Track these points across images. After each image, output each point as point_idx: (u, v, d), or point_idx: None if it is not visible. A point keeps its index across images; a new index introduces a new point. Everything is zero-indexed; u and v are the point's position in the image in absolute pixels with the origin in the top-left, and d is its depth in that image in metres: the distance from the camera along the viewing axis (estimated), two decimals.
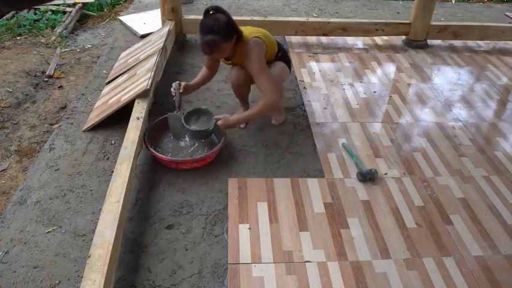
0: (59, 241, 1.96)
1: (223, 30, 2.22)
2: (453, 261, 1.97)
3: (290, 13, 4.61)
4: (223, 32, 2.22)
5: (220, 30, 2.21)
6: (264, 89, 2.35)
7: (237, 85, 2.59)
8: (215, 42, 2.21)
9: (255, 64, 2.33)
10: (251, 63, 2.34)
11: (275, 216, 2.13)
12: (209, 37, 2.20)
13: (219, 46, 2.24)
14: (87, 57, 3.77)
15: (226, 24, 2.24)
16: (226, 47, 2.28)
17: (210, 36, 2.20)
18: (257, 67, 2.34)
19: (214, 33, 2.20)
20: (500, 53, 4.02)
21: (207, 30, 2.21)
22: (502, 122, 3.01)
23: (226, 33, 2.23)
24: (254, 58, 2.33)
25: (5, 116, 2.93)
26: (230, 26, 2.27)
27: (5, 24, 4.11)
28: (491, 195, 2.36)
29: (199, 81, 2.64)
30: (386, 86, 3.35)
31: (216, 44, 2.22)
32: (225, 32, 2.23)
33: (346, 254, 1.96)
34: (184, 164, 2.39)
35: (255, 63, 2.33)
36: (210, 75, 2.68)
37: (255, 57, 2.33)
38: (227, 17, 2.27)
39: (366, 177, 2.37)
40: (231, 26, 2.27)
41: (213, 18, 2.23)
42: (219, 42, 2.22)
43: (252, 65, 2.34)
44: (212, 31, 2.20)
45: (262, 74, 2.34)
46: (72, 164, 2.40)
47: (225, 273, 1.85)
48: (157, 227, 2.06)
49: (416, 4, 3.83)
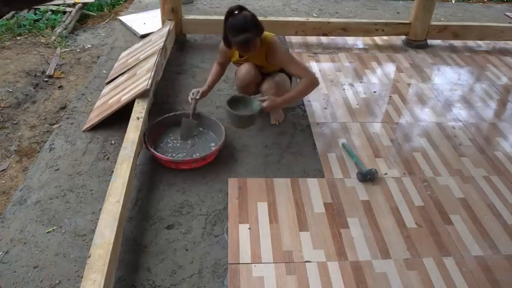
0: (59, 241, 1.96)
1: (254, 26, 2.29)
2: (453, 261, 1.97)
3: (290, 13, 4.61)
4: (254, 28, 2.29)
5: (252, 26, 2.27)
6: (301, 73, 2.48)
7: (247, 81, 2.58)
8: (251, 39, 2.28)
9: (285, 56, 2.49)
10: (281, 56, 2.46)
11: (275, 216, 2.13)
12: (245, 36, 2.26)
13: (255, 42, 2.31)
14: (87, 57, 3.77)
15: (255, 19, 2.32)
16: (258, 42, 2.35)
17: (245, 34, 2.26)
18: (287, 57, 2.50)
19: (248, 31, 2.26)
20: (500, 53, 4.02)
21: (240, 29, 2.26)
22: (502, 122, 3.01)
23: (256, 28, 2.31)
24: (282, 51, 2.47)
25: (5, 116, 2.93)
26: (257, 20, 2.35)
27: (5, 24, 4.11)
28: (491, 195, 2.36)
29: (214, 79, 2.65)
30: (386, 86, 3.35)
31: (252, 41, 2.29)
32: (255, 27, 2.30)
33: (346, 254, 1.96)
34: (184, 164, 2.39)
35: (284, 55, 2.49)
36: (222, 72, 2.70)
37: (282, 50, 2.48)
38: (252, 14, 2.34)
39: (366, 177, 2.37)
40: (258, 20, 2.35)
41: (241, 16, 2.28)
42: (254, 39, 2.29)
43: (283, 57, 2.47)
44: (245, 29, 2.26)
45: (295, 62, 2.51)
46: (72, 164, 2.40)
47: (225, 273, 1.86)
48: (157, 227, 2.06)
49: (416, 4, 3.83)
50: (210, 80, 2.63)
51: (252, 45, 2.31)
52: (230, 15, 2.30)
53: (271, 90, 2.56)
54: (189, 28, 3.72)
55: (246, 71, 2.56)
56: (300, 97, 2.57)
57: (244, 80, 2.58)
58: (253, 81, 2.60)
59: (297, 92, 2.49)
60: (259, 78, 2.61)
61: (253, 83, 2.62)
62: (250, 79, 2.57)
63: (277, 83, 2.58)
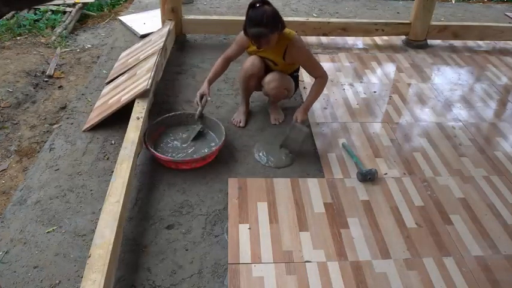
0: (59, 241, 1.96)
1: (272, 22, 2.30)
2: (453, 261, 1.97)
3: (290, 13, 4.61)
4: (271, 24, 2.30)
5: (268, 22, 2.28)
6: (318, 72, 2.56)
7: (250, 73, 2.61)
8: (264, 34, 2.29)
9: (306, 53, 2.53)
10: (303, 52, 2.51)
11: (275, 216, 2.13)
12: (259, 30, 2.28)
13: (268, 38, 2.32)
14: (87, 57, 3.77)
15: (274, 16, 2.33)
16: (273, 38, 2.36)
17: (259, 29, 2.28)
18: (308, 55, 2.55)
19: (263, 26, 2.27)
20: (500, 53, 4.02)
21: (256, 23, 2.29)
22: (502, 122, 3.01)
23: (274, 25, 2.32)
24: (304, 47, 2.52)
25: (5, 116, 2.93)
26: (277, 17, 2.36)
27: (5, 24, 4.11)
28: (491, 195, 2.36)
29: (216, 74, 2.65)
30: (387, 86, 3.35)
31: (265, 36, 2.30)
32: (273, 23, 2.31)
33: (346, 254, 1.96)
34: (184, 164, 2.39)
35: (305, 52, 2.53)
36: (225, 67, 2.68)
37: (304, 48, 2.52)
38: (273, 9, 2.35)
39: (366, 177, 2.37)
40: (278, 17, 2.36)
41: (260, 10, 2.29)
42: (267, 35, 2.30)
43: (304, 54, 2.52)
44: (261, 23, 2.27)
45: (314, 61, 2.57)
46: (72, 164, 2.40)
47: (225, 273, 1.86)
48: (157, 227, 2.06)
49: (416, 4, 3.82)
50: (211, 76, 2.62)
51: (264, 40, 2.32)
52: (252, 7, 2.32)
53: (273, 82, 2.57)
54: (189, 28, 3.72)
55: (250, 62, 2.60)
56: (319, 96, 2.63)
57: (247, 71, 2.61)
58: (256, 74, 2.61)
59: (316, 93, 2.58)
60: (262, 72, 2.62)
61: (255, 76, 2.63)
62: (254, 71, 2.60)
63: (281, 76, 2.59)
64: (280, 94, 2.67)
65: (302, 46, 2.51)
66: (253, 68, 2.59)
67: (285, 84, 2.63)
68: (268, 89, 2.61)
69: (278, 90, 2.60)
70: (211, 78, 2.62)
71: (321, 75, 2.56)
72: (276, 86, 2.57)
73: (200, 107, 2.54)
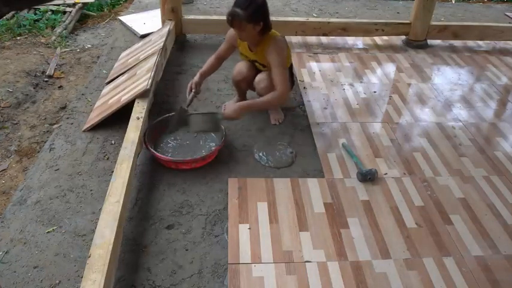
0: (59, 241, 1.96)
1: (251, 11, 2.29)
2: (453, 261, 1.97)
3: (290, 13, 4.61)
4: (250, 12, 2.29)
5: (248, 8, 2.28)
6: (277, 81, 2.44)
7: (237, 80, 2.70)
8: (238, 16, 2.29)
9: (277, 56, 2.44)
10: (274, 54, 2.43)
11: (275, 216, 2.13)
12: (235, 9, 2.29)
13: (240, 22, 2.31)
14: (87, 57, 3.77)
15: (258, 8, 2.32)
16: (247, 28, 2.34)
17: (237, 9, 2.29)
18: (278, 60, 2.44)
19: (241, 8, 2.28)
20: (500, 53, 4.02)
21: (237, 3, 2.31)
22: (502, 122, 3.01)
23: (252, 14, 2.30)
24: (278, 51, 2.44)
25: (5, 116, 2.93)
26: (260, 11, 2.35)
27: (5, 24, 4.11)
28: (491, 195, 2.36)
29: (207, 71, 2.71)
30: (387, 86, 3.35)
31: (237, 18, 2.29)
32: (252, 12, 2.30)
33: (346, 254, 1.96)
34: (184, 164, 2.39)
35: (277, 55, 2.44)
36: (216, 64, 2.73)
37: (280, 51, 2.45)
38: (263, 3, 2.35)
39: (366, 177, 2.37)
40: (261, 12, 2.35)
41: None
42: (241, 18, 2.29)
43: (275, 56, 2.43)
44: (240, 6, 2.28)
45: (280, 68, 2.45)
46: (72, 164, 2.40)
47: (225, 273, 1.86)
48: (157, 227, 2.06)
49: (416, 4, 3.82)
50: (202, 70, 2.67)
51: (237, 23, 2.31)
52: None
53: (263, 82, 2.58)
54: (189, 28, 3.72)
55: (237, 70, 2.66)
56: (264, 107, 2.53)
57: (234, 77, 2.71)
58: (244, 79, 2.66)
59: (263, 101, 2.47)
60: (251, 76, 2.64)
61: (244, 81, 2.68)
62: (241, 77, 2.67)
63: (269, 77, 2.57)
64: None
65: (280, 48, 2.45)
66: (241, 75, 2.65)
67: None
68: (259, 89, 2.62)
69: (269, 89, 2.58)
70: (204, 72, 2.67)
71: (279, 88, 2.42)
72: (266, 86, 2.56)
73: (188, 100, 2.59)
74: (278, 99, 2.46)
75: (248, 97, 2.88)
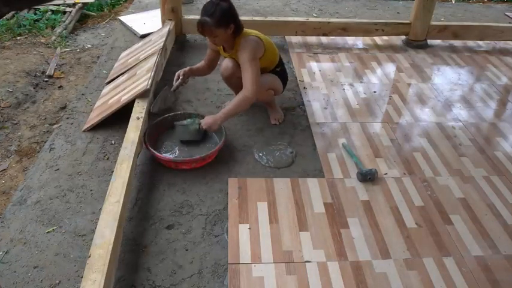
0: (59, 241, 1.96)
1: (219, 16, 2.31)
2: (453, 261, 1.97)
3: (290, 13, 4.61)
4: (217, 17, 2.31)
5: (214, 14, 2.30)
6: (245, 81, 2.42)
7: (225, 76, 2.68)
8: (206, 23, 2.32)
9: (246, 54, 2.41)
10: (243, 54, 2.42)
11: (275, 216, 2.13)
12: (203, 18, 2.32)
13: (210, 29, 2.34)
14: (87, 57, 3.77)
15: (224, 12, 2.33)
16: (218, 33, 2.36)
17: (204, 17, 2.32)
18: (247, 58, 2.40)
19: (208, 16, 2.31)
20: (500, 53, 4.02)
21: (203, 12, 2.34)
22: (502, 122, 3.01)
23: (220, 19, 2.32)
24: (248, 50, 2.41)
25: (5, 116, 2.93)
26: (228, 14, 2.36)
27: (5, 24, 4.11)
28: (491, 195, 2.36)
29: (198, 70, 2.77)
30: (387, 86, 3.35)
31: (207, 26, 2.33)
32: (220, 18, 2.32)
33: (346, 254, 1.96)
34: (184, 164, 2.39)
35: (246, 54, 2.41)
36: (206, 69, 2.79)
37: (249, 49, 2.41)
38: (228, 7, 2.36)
39: (366, 177, 2.37)
40: (229, 15, 2.36)
41: (214, 2, 2.33)
42: (210, 25, 2.32)
43: (244, 55, 2.41)
44: (208, 14, 2.31)
45: (249, 67, 2.40)
46: (72, 164, 2.40)
47: (225, 273, 1.86)
48: (157, 227, 2.06)
49: (416, 4, 3.82)
50: (193, 67, 2.73)
51: (208, 30, 2.34)
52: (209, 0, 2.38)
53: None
54: (189, 28, 3.72)
55: (225, 66, 2.64)
56: (236, 110, 2.47)
57: (222, 74, 2.70)
58: (232, 75, 2.64)
59: (233, 106, 2.43)
60: (239, 73, 2.57)
61: (233, 76, 2.66)
62: (228, 73, 2.65)
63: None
64: (265, 95, 2.66)
65: (248, 46, 2.40)
66: (227, 71, 2.64)
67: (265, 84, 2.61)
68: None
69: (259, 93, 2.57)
70: (194, 69, 2.72)
71: (247, 89, 2.40)
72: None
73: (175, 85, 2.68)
74: (247, 100, 2.42)
75: None
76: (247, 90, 2.41)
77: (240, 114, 2.87)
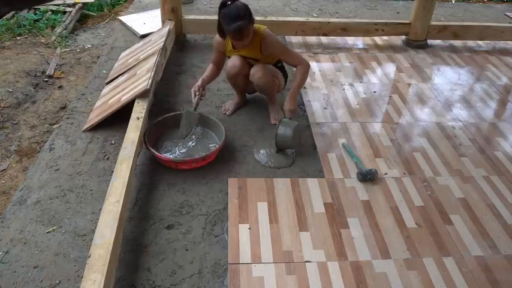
0: (59, 241, 1.96)
1: (248, 13, 2.36)
2: (453, 261, 1.97)
3: (290, 13, 4.61)
4: (248, 15, 2.35)
5: (245, 14, 2.34)
6: (297, 60, 2.58)
7: (232, 74, 2.67)
8: (245, 26, 2.33)
9: (278, 45, 2.56)
10: (277, 45, 2.55)
11: (275, 216, 2.13)
12: (238, 23, 2.31)
13: (248, 30, 2.37)
14: (87, 57, 3.77)
15: (247, 7, 2.38)
16: (251, 30, 2.41)
17: (239, 22, 2.31)
18: (282, 46, 2.59)
19: (241, 19, 2.31)
20: (500, 53, 4.02)
21: (233, 17, 2.32)
22: (502, 122, 3.01)
23: (250, 15, 2.38)
24: (277, 41, 2.55)
25: (5, 116, 2.93)
26: (249, 8, 2.40)
27: (5, 24, 4.11)
28: (491, 195, 2.36)
29: (210, 76, 2.70)
30: (387, 86, 3.35)
31: (246, 29, 2.35)
32: (248, 14, 2.37)
33: (346, 254, 1.96)
34: (184, 164, 2.39)
35: (278, 43, 2.56)
36: (217, 71, 2.76)
37: (276, 40, 2.54)
38: (244, 3, 2.40)
39: (366, 177, 2.37)
40: (249, 9, 2.40)
41: (234, 6, 2.34)
42: (247, 26, 2.35)
43: (279, 47, 2.56)
44: (239, 17, 2.31)
45: (289, 51, 2.64)
46: (72, 164, 2.40)
47: (225, 273, 1.86)
48: (157, 227, 2.06)
49: (416, 4, 3.82)
50: (204, 76, 2.67)
51: (246, 32, 2.36)
52: (223, 6, 2.36)
53: (258, 72, 2.59)
54: (189, 28, 3.72)
55: (232, 64, 2.63)
56: (303, 83, 2.62)
57: (229, 72, 2.67)
58: (239, 72, 2.65)
59: (299, 80, 2.56)
60: (246, 70, 2.64)
61: (239, 74, 2.67)
62: (235, 71, 2.64)
63: (263, 66, 2.61)
64: (270, 82, 2.67)
65: (275, 39, 2.54)
66: (234, 68, 2.63)
67: (271, 71, 2.65)
68: (256, 79, 2.62)
69: (266, 78, 2.60)
70: (206, 78, 2.65)
71: (300, 62, 2.57)
72: (263, 74, 2.59)
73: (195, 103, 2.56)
74: (307, 71, 2.59)
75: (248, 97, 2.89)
76: (301, 63, 2.56)
77: (240, 113, 2.88)
